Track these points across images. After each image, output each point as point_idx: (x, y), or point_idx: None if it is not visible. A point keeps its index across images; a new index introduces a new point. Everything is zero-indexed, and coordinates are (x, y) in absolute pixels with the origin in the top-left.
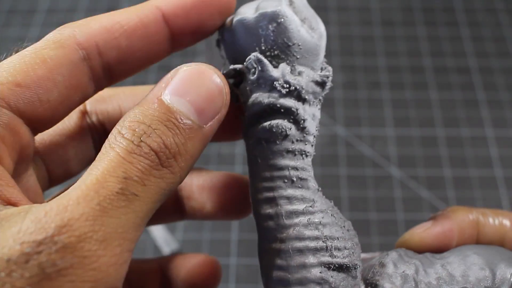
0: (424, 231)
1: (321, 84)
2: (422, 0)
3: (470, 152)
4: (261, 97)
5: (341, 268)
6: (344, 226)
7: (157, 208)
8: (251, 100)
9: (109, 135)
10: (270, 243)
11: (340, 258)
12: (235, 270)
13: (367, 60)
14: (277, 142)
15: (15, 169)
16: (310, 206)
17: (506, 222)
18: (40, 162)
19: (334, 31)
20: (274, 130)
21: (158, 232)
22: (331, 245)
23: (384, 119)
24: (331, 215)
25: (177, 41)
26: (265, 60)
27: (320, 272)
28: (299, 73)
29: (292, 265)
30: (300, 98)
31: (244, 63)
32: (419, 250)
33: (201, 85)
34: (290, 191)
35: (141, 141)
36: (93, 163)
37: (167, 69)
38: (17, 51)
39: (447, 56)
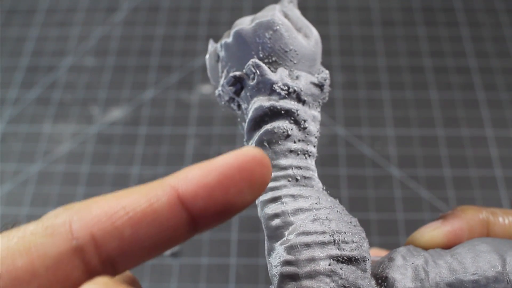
0: (434, 230)
1: (319, 86)
2: (422, 0)
3: (470, 152)
4: (262, 101)
5: (350, 260)
6: (351, 222)
7: None
8: (252, 105)
9: None
10: (278, 240)
11: (348, 251)
12: (235, 270)
13: (367, 60)
14: (279, 142)
15: None
16: (316, 203)
17: None
18: None
19: (334, 31)
20: (276, 131)
21: None
22: (338, 238)
23: (384, 119)
24: (337, 211)
25: (200, 223)
26: (263, 65)
27: (329, 265)
28: (297, 77)
29: (301, 260)
30: (299, 99)
31: (243, 70)
32: (429, 248)
33: None
34: (294, 189)
35: None
36: None
37: (168, 69)
38: (13, 226)
39: (447, 56)
